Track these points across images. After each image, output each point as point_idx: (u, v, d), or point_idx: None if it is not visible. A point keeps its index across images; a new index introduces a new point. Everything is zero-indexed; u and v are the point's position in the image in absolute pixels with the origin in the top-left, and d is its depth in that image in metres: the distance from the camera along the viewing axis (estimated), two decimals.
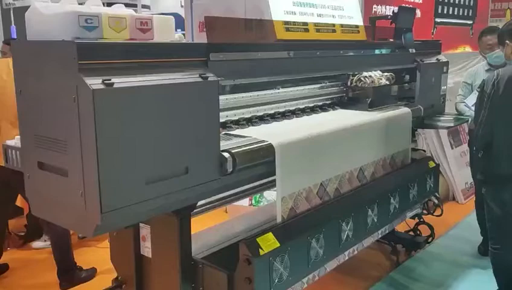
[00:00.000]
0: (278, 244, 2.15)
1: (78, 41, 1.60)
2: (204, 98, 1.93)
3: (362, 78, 3.20)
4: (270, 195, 4.12)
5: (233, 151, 2.05)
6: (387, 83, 3.33)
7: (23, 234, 4.32)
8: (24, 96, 1.86)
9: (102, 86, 1.58)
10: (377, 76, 3.27)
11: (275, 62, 2.47)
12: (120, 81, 1.64)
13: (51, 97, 1.72)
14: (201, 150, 1.94)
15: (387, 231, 3.12)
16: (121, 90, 1.63)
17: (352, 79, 3.25)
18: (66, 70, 1.61)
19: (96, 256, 3.76)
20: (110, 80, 1.61)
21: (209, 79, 1.95)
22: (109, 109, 1.60)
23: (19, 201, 3.90)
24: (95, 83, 1.57)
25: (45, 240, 4.17)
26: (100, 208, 1.61)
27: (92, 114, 1.56)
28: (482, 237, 3.93)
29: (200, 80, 1.92)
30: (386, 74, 3.35)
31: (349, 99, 3.24)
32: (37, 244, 4.19)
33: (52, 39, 1.70)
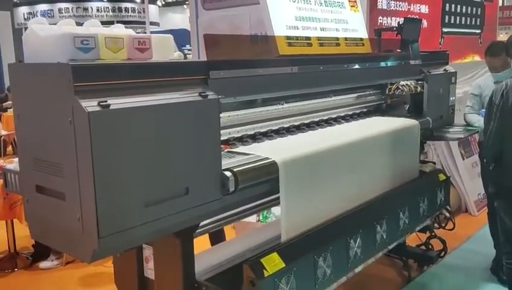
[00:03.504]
0: (283, 265, 2.10)
1: (73, 63, 1.58)
2: (204, 117, 1.90)
3: (400, 87, 3.31)
4: (278, 211, 4.06)
5: (235, 169, 2.01)
6: (422, 90, 3.43)
7: (30, 254, 4.30)
8: (22, 119, 1.84)
9: (98, 108, 1.55)
10: (413, 84, 3.37)
11: (277, 78, 2.43)
12: (117, 103, 1.61)
13: (48, 120, 1.70)
14: (202, 170, 1.90)
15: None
16: (117, 112, 1.60)
17: (391, 87, 3.35)
18: (62, 93, 1.59)
19: (103, 276, 3.72)
20: (106, 101, 1.58)
21: (209, 97, 1.91)
22: (106, 131, 1.57)
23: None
24: (90, 105, 1.55)
25: (52, 260, 4.15)
26: (97, 233, 1.57)
27: (88, 137, 1.53)
28: (495, 251, 3.82)
29: (199, 98, 1.89)
30: (419, 82, 3.43)
31: (388, 107, 3.47)
32: (44, 264, 4.16)
33: (48, 61, 1.68)
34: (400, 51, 3.54)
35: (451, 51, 4.02)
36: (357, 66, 3.00)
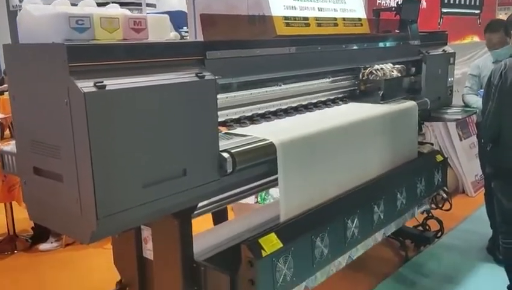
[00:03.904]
0: (281, 245, 2.11)
1: (68, 43, 1.57)
2: (201, 98, 1.89)
3: (374, 71, 3.14)
4: (276, 192, 4.07)
5: (232, 151, 2.01)
6: (399, 75, 3.27)
7: (30, 236, 4.31)
8: (18, 101, 1.83)
9: (94, 89, 1.54)
10: (388, 68, 3.21)
11: (274, 59, 2.42)
12: (113, 83, 1.60)
13: (44, 101, 1.69)
14: (200, 151, 1.90)
15: (396, 228, 3.09)
16: (113, 93, 1.59)
17: (364, 72, 3.17)
18: (57, 74, 1.58)
19: (102, 258, 3.74)
20: (102, 82, 1.57)
21: (205, 78, 1.90)
22: (102, 112, 1.56)
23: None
24: (86, 85, 1.53)
25: (52, 242, 4.17)
26: (96, 214, 1.57)
27: (85, 118, 1.52)
28: (492, 231, 3.85)
29: (196, 79, 1.88)
30: (397, 66, 3.28)
31: (361, 93, 3.20)
32: (44, 246, 4.17)
33: (43, 42, 1.66)
34: (398, 31, 3.51)
35: (450, 32, 4.00)
36: (355, 47, 2.98)
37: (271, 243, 2.08)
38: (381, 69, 3.15)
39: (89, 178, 1.56)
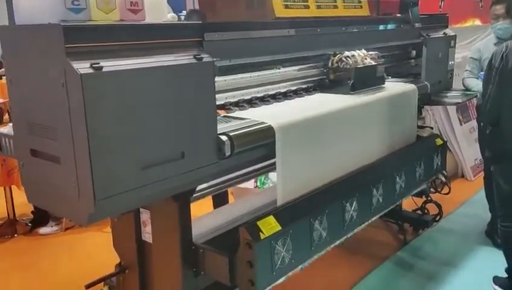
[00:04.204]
0: (280, 228, 2.11)
1: (64, 24, 1.55)
2: (199, 80, 1.87)
3: (344, 59, 2.83)
4: (275, 176, 4.06)
5: (231, 134, 2.00)
6: (372, 62, 2.94)
7: (29, 220, 4.33)
8: (14, 84, 1.81)
9: (90, 70, 1.52)
10: (361, 55, 2.92)
11: (273, 41, 2.39)
12: (110, 65, 1.58)
13: (40, 83, 1.67)
14: (198, 134, 1.88)
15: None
16: (110, 74, 1.58)
17: (333, 59, 2.86)
18: (53, 55, 1.56)
19: (101, 241, 3.76)
20: (98, 63, 1.55)
21: (203, 60, 1.88)
22: (99, 93, 1.55)
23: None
24: (83, 67, 1.52)
25: (52, 226, 4.19)
26: (93, 196, 1.57)
27: (81, 99, 1.51)
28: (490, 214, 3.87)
29: (194, 61, 1.86)
30: (371, 52, 2.99)
31: (330, 82, 2.90)
32: (44, 230, 4.20)
33: (39, 23, 1.64)
34: (398, 14, 3.48)
35: (451, 15, 3.96)
36: (355, 29, 2.95)
37: (269, 226, 2.08)
38: (353, 56, 2.85)
39: (86, 160, 1.55)
